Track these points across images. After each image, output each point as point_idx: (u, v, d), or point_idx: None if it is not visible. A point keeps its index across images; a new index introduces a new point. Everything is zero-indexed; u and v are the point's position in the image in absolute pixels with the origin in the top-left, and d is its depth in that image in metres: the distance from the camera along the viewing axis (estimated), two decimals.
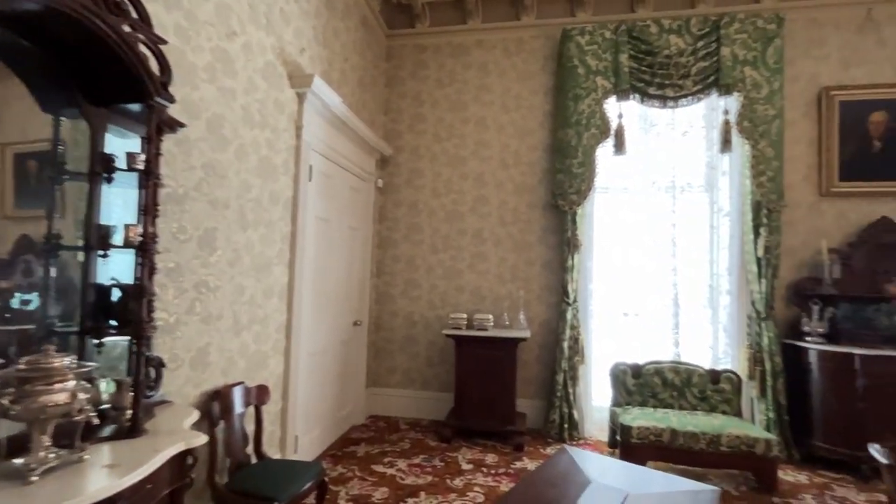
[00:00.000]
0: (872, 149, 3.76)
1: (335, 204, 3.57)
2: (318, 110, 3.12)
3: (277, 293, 2.78)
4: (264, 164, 2.62)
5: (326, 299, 3.45)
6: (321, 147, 3.25)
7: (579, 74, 3.95)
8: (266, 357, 2.68)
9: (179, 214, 2.01)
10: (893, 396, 3.20)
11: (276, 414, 2.82)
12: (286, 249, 2.86)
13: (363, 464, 3.26)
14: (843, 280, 3.58)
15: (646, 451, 3.11)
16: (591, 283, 4.02)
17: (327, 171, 3.41)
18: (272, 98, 2.68)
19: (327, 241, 3.46)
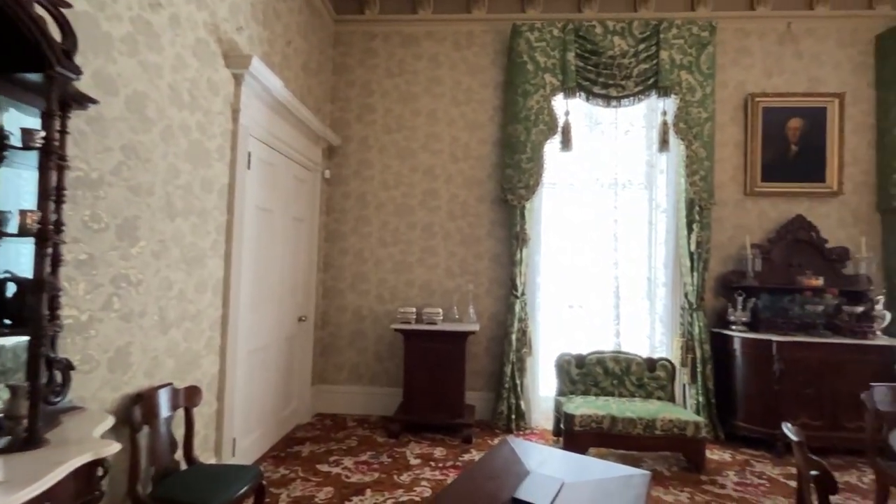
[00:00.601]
0: (790, 153, 4.09)
1: (278, 194, 3.40)
2: (257, 94, 2.95)
3: (212, 287, 2.61)
4: (196, 149, 2.44)
5: (268, 294, 3.29)
6: (261, 133, 3.08)
7: (528, 70, 3.99)
8: (198, 356, 2.50)
9: (93, 201, 1.81)
10: (805, 379, 3.52)
11: (210, 416, 2.65)
12: (221, 240, 2.68)
13: (307, 464, 3.15)
14: (763, 273, 3.89)
15: (588, 438, 3.22)
16: (539, 277, 4.11)
17: (269, 159, 3.24)
18: (205, 78, 2.49)
19: (269, 233, 3.29)
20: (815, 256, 3.94)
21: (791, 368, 3.52)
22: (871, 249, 3.95)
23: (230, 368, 2.74)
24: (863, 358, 3.53)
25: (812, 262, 3.92)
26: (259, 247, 3.13)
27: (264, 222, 3.21)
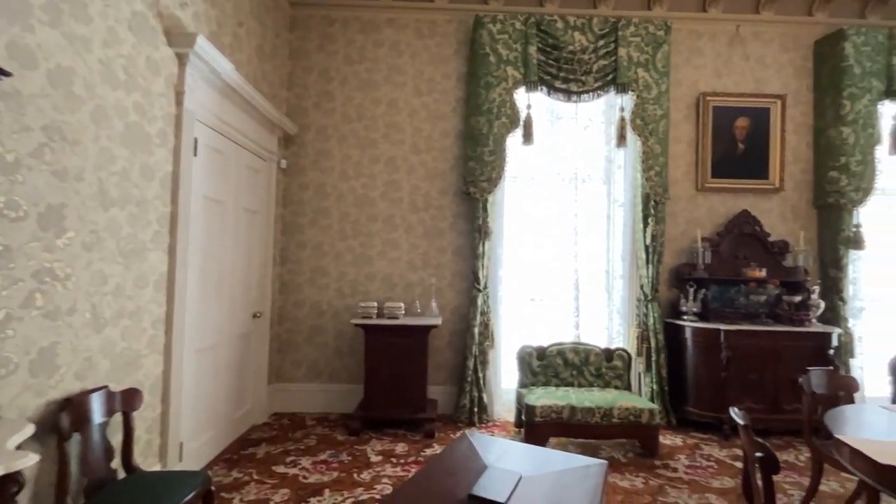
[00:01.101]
0: (737, 150, 4.28)
1: (229, 184, 3.22)
2: (205, 76, 2.76)
3: (154, 282, 2.43)
4: (133, 133, 2.25)
5: (218, 289, 3.11)
6: (210, 119, 2.89)
7: (491, 62, 3.97)
8: (139, 356, 2.33)
9: (9, 186, 1.63)
10: (749, 365, 3.72)
11: (154, 420, 2.47)
12: (165, 232, 2.50)
13: (263, 466, 3.01)
14: (713, 265, 4.06)
15: (548, 429, 3.26)
16: (501, 270, 4.11)
17: (219, 147, 3.05)
18: (143, 55, 2.30)
19: (219, 225, 3.11)
20: (759, 249, 4.16)
21: (737, 355, 3.71)
22: (808, 243, 4.21)
23: (176, 368, 2.57)
24: (800, 344, 3.76)
25: (756, 255, 4.13)
26: (208, 239, 2.95)
27: (213, 213, 3.02)
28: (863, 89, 4.05)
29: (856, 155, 4.04)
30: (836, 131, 4.11)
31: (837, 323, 4.03)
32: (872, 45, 4.06)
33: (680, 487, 2.83)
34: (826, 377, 2.60)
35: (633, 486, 2.83)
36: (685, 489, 2.81)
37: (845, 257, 4.09)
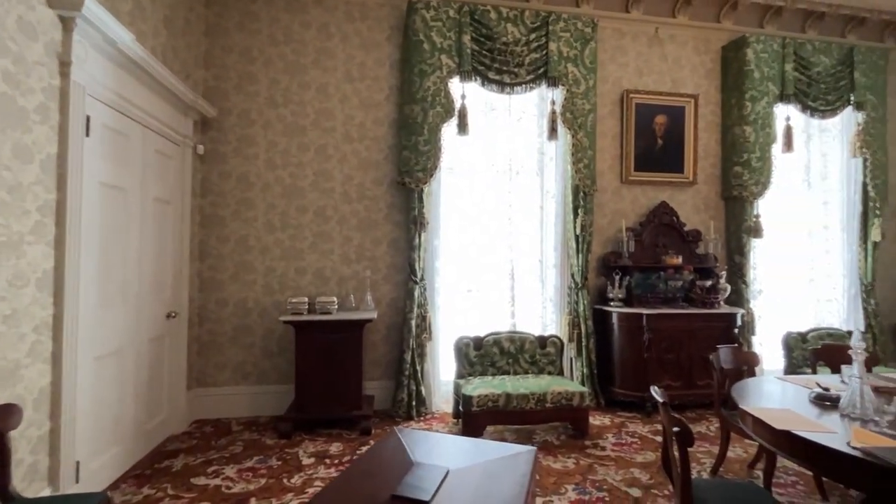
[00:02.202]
0: (657, 146, 4.56)
1: (133, 170, 2.88)
2: (99, 46, 2.43)
3: (36, 281, 2.10)
4: (3, 106, 1.92)
5: (124, 288, 2.79)
6: (108, 95, 2.55)
7: (425, 50, 3.89)
8: (18, 366, 2.01)
9: None
10: (667, 346, 3.99)
11: (41, 438, 2.16)
12: (49, 223, 2.17)
13: (179, 479, 2.76)
14: (636, 253, 4.31)
15: (485, 417, 3.29)
16: (438, 261, 4.08)
17: (118, 127, 2.71)
18: (14, 15, 1.96)
19: (122, 216, 2.77)
20: (676, 238, 4.47)
21: (657, 337, 3.96)
22: (717, 232, 4.59)
23: (68, 379, 2.26)
24: (711, 325, 4.10)
25: (674, 243, 4.44)
26: (107, 232, 2.62)
27: (114, 203, 2.69)
28: (762, 92, 4.46)
29: (756, 152, 4.46)
30: (740, 130, 4.51)
31: (741, 304, 4.44)
32: (769, 53, 4.48)
33: (607, 465, 2.97)
34: (732, 354, 2.84)
35: (565, 468, 2.92)
36: (612, 466, 2.95)
37: (747, 245, 4.51)
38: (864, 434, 1.60)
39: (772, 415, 1.84)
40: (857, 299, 4.79)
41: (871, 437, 1.57)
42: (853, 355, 1.86)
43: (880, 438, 1.57)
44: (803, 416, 1.84)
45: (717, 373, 2.83)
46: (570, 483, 2.71)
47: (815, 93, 4.57)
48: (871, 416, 1.75)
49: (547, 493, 2.60)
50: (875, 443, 1.53)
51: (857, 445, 1.51)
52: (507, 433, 3.49)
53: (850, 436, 1.59)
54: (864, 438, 1.56)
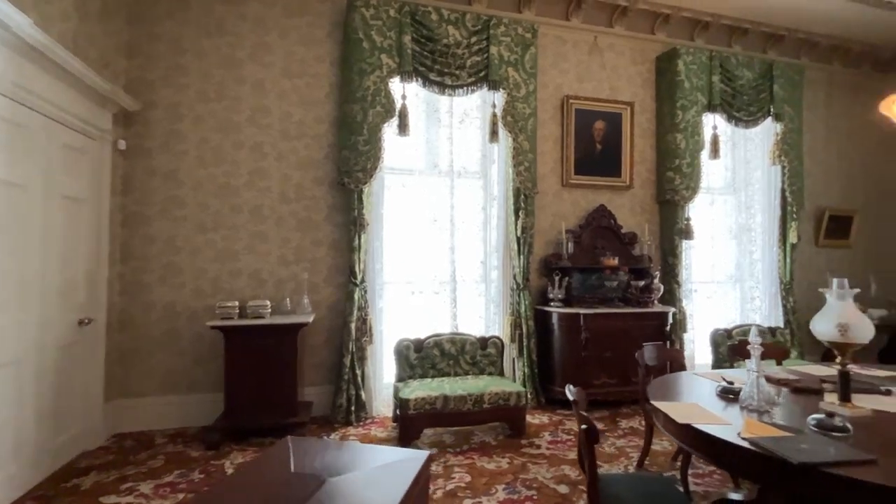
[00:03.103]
0: (596, 150, 4.71)
1: (35, 165, 2.65)
2: None
3: None
4: None
5: (22, 292, 2.56)
6: (2, 84, 2.34)
7: (364, 48, 3.83)
8: None
9: None
10: (605, 345, 4.11)
11: None
12: None
13: (87, 498, 2.56)
14: (575, 254, 4.42)
15: (422, 420, 3.27)
16: (379, 263, 4.02)
17: (16, 119, 2.49)
18: None
19: (21, 214, 2.54)
20: (613, 240, 4.63)
21: (594, 336, 4.08)
22: (651, 234, 4.79)
23: None
24: (645, 323, 4.27)
25: (611, 245, 4.59)
26: (1, 233, 2.40)
27: (9, 200, 2.46)
28: (691, 102, 4.71)
29: (686, 158, 4.69)
30: (672, 137, 4.73)
31: (674, 303, 4.65)
32: (698, 65, 4.74)
33: (540, 463, 3.02)
34: (656, 351, 2.95)
35: (499, 468, 2.94)
36: (545, 464, 3.00)
37: (679, 246, 4.74)
38: (755, 425, 1.69)
39: (677, 409, 1.91)
40: (778, 297, 5.14)
41: (760, 428, 1.66)
42: (751, 350, 1.97)
43: (769, 429, 1.66)
44: (707, 409, 1.93)
45: (641, 369, 2.94)
46: (501, 483, 2.73)
47: (738, 104, 4.87)
48: (765, 407, 1.87)
49: (477, 495, 2.60)
50: (763, 433, 1.62)
51: (745, 436, 1.59)
52: (445, 435, 3.48)
53: (742, 427, 1.68)
54: (754, 429, 1.65)
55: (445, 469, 2.92)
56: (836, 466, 1.37)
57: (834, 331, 1.89)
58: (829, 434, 1.63)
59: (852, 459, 1.40)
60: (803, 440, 1.55)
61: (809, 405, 2.03)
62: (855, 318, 1.87)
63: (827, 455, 1.43)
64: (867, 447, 1.56)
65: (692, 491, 2.60)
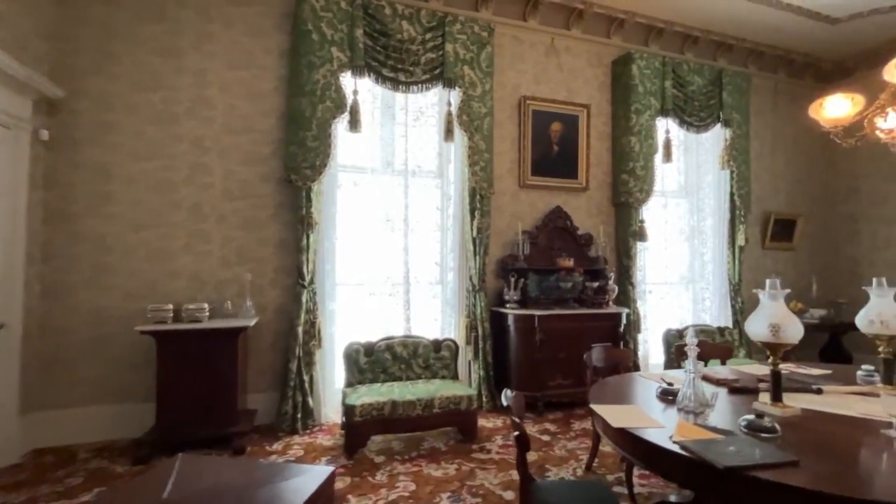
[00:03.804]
0: (553, 152, 4.71)
1: None
2: None
3: None
4: None
5: None
6: None
7: (314, 41, 3.69)
8: None
9: None
10: (560, 346, 4.09)
11: None
12: None
13: None
14: (531, 256, 4.40)
15: (369, 427, 3.14)
16: (329, 264, 3.88)
17: None
18: None
19: None
20: (570, 241, 4.64)
21: (549, 338, 4.06)
22: (607, 236, 4.84)
23: None
24: (599, 324, 4.29)
25: (567, 246, 4.60)
26: None
27: None
28: (645, 106, 4.78)
29: (640, 161, 4.76)
30: (626, 140, 4.79)
31: (628, 304, 4.70)
32: (652, 70, 4.82)
33: (489, 468, 2.95)
34: (604, 352, 2.94)
35: (446, 475, 2.86)
36: (493, 469, 2.93)
37: (634, 248, 4.80)
38: (687, 427, 1.67)
39: (615, 413, 1.88)
40: (727, 298, 5.29)
41: (692, 431, 1.64)
42: (688, 352, 1.96)
43: (700, 431, 1.64)
44: (645, 412, 1.90)
45: (590, 371, 2.92)
46: (446, 491, 2.65)
47: (690, 109, 4.99)
48: (700, 409, 1.85)
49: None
50: (694, 436, 1.59)
51: (676, 440, 1.56)
52: (395, 442, 3.37)
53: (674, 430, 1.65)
54: (685, 432, 1.63)
55: (390, 478, 2.81)
56: (760, 469, 1.35)
57: (766, 331, 1.89)
58: (758, 435, 1.62)
59: (776, 462, 1.38)
60: (732, 442, 1.53)
61: (744, 405, 2.04)
62: (786, 318, 1.88)
63: (752, 458, 1.41)
64: (793, 448, 1.55)
65: (637, 493, 2.58)
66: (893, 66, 1.60)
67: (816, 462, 1.43)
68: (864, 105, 1.89)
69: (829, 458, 1.46)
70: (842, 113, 1.87)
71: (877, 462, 1.47)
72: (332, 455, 3.15)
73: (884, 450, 1.54)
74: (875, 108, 1.83)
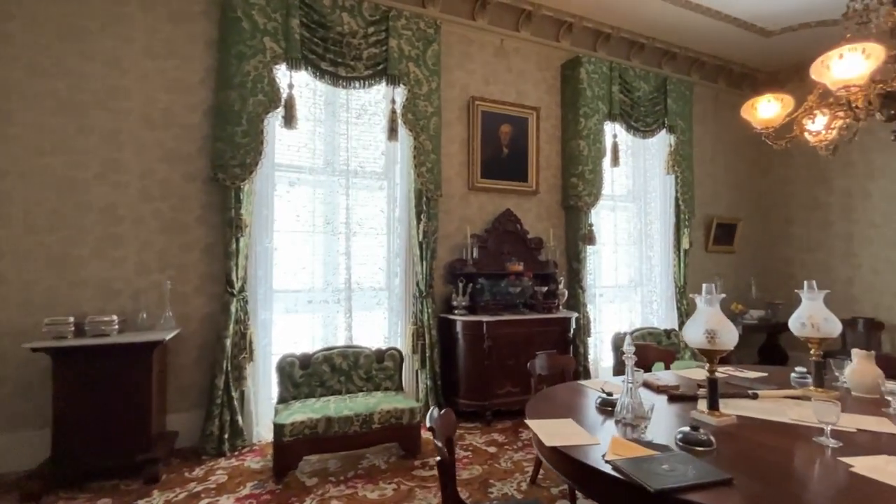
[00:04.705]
0: (503, 154, 4.63)
1: None
2: None
3: None
4: None
5: None
6: None
7: (244, 29, 3.42)
8: None
9: None
10: (508, 352, 3.99)
11: None
12: None
13: None
14: (480, 260, 4.28)
15: (301, 447, 2.90)
16: (263, 270, 3.59)
17: None
18: None
19: None
20: (520, 245, 4.56)
21: (497, 344, 3.95)
22: (557, 239, 4.80)
23: None
24: (548, 329, 4.22)
25: (517, 250, 4.52)
26: None
27: None
28: (593, 110, 4.79)
29: (589, 165, 4.76)
30: (575, 144, 4.79)
31: (578, 308, 4.67)
32: (599, 74, 4.85)
33: (429, 486, 2.77)
34: (547, 359, 2.84)
35: (382, 496, 2.66)
36: (433, 487, 2.76)
37: (583, 252, 4.78)
38: (621, 444, 1.56)
39: (549, 428, 1.75)
40: (673, 300, 5.39)
41: (626, 448, 1.53)
42: (626, 360, 1.87)
43: (635, 448, 1.53)
44: (581, 426, 1.79)
45: (534, 380, 2.81)
46: None
47: (636, 114, 5.06)
48: (637, 422, 1.76)
49: None
50: (628, 453, 1.48)
51: (608, 458, 1.45)
52: (331, 461, 3.13)
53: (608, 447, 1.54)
54: (619, 449, 1.52)
55: (321, 503, 2.58)
56: (692, 491, 1.25)
57: (702, 337, 1.83)
58: (694, 449, 1.54)
59: (709, 482, 1.29)
60: (666, 459, 1.43)
61: (684, 415, 1.97)
62: (722, 324, 1.82)
63: (685, 477, 1.31)
64: (728, 462, 1.48)
65: None
66: (819, 65, 1.59)
67: (750, 479, 1.34)
68: (794, 107, 1.89)
69: (764, 473, 1.39)
70: (772, 114, 1.86)
71: (810, 474, 1.41)
72: (260, 479, 2.87)
73: (817, 459, 1.49)
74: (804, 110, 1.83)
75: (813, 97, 1.80)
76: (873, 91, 1.52)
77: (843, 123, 1.82)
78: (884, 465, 1.40)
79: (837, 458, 1.46)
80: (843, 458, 1.46)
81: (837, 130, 1.83)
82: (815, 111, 1.81)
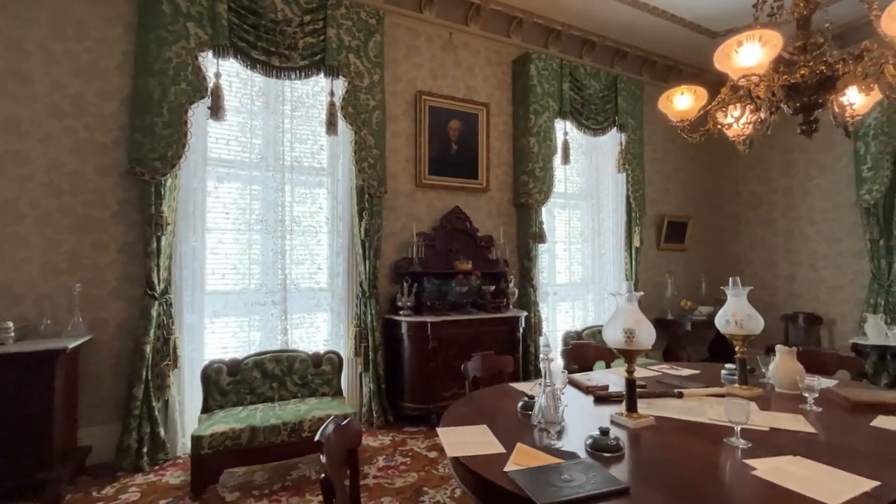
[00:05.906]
0: (451, 150, 4.53)
1: None
2: None
3: None
4: None
5: None
6: None
7: (164, 13, 3.18)
8: None
9: None
10: (454, 353, 3.87)
11: None
12: None
13: None
14: (427, 259, 4.16)
15: (222, 460, 2.70)
16: (188, 270, 3.36)
17: None
18: None
19: None
20: (469, 243, 4.47)
21: (443, 345, 3.84)
22: (507, 237, 4.73)
23: None
24: (497, 329, 4.14)
25: (466, 249, 4.42)
26: None
27: None
28: (543, 107, 4.75)
29: (539, 162, 4.71)
30: (526, 140, 4.73)
31: (529, 307, 4.62)
32: (550, 71, 4.81)
33: (362, 496, 2.63)
34: (482, 361, 2.75)
35: None
36: (365, 497, 2.62)
37: (535, 250, 4.73)
38: (525, 453, 1.47)
39: (458, 436, 1.65)
40: None
41: (530, 457, 1.44)
42: (541, 363, 1.78)
43: (539, 456, 1.44)
44: (493, 433, 1.69)
45: (468, 383, 2.71)
46: None
47: (587, 112, 5.05)
48: (549, 426, 1.68)
49: None
50: (531, 463, 1.39)
51: (508, 469, 1.35)
52: (259, 473, 2.95)
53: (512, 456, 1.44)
54: (522, 458, 1.42)
55: None
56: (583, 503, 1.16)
57: (621, 337, 1.76)
58: (602, 456, 1.46)
59: (604, 492, 1.21)
60: (568, 468, 1.35)
61: (606, 417, 1.90)
62: (640, 323, 1.76)
63: (581, 489, 1.22)
64: (635, 467, 1.41)
65: None
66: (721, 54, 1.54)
67: (649, 486, 1.28)
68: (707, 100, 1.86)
69: (666, 480, 1.32)
70: (685, 106, 1.83)
71: (711, 479, 1.35)
72: (176, 496, 2.67)
73: (724, 462, 1.44)
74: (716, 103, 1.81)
75: (725, 90, 1.78)
76: (777, 83, 1.50)
77: (756, 118, 1.80)
78: (786, 467, 1.35)
79: (743, 461, 1.41)
80: (749, 459, 1.41)
81: (752, 125, 1.81)
82: (727, 105, 1.79)
